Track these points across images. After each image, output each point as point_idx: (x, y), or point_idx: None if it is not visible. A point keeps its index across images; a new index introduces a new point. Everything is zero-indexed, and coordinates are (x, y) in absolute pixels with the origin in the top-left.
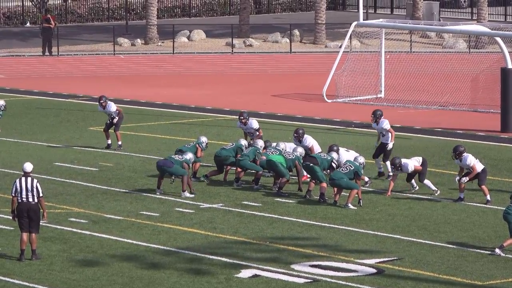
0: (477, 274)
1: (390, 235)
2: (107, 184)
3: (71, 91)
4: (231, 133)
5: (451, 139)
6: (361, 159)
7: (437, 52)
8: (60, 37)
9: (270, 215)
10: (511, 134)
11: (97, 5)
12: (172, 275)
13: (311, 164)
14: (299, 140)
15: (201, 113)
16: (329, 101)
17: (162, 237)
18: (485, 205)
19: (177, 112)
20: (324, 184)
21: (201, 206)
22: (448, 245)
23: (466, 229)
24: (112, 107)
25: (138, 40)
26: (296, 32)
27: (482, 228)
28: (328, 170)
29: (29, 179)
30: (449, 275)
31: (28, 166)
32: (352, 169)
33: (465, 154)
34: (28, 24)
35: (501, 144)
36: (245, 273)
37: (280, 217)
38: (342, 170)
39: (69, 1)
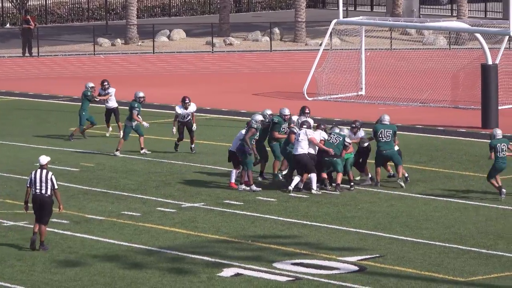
0: (459, 271)
1: (372, 233)
2: (88, 184)
3: (51, 92)
4: (212, 132)
5: (432, 135)
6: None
7: (418, 49)
8: (40, 37)
9: (252, 214)
10: (491, 130)
11: (77, 5)
12: (154, 275)
13: (334, 159)
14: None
15: None
16: (310, 99)
17: (143, 236)
18: (468, 202)
19: (158, 111)
20: (341, 175)
21: (183, 206)
22: (430, 242)
23: (447, 226)
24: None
25: (118, 40)
26: (276, 30)
27: (464, 224)
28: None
29: (44, 171)
30: (431, 271)
31: (43, 159)
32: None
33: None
34: (7, 25)
35: (482, 140)
36: (227, 272)
37: (261, 215)
38: (384, 139)
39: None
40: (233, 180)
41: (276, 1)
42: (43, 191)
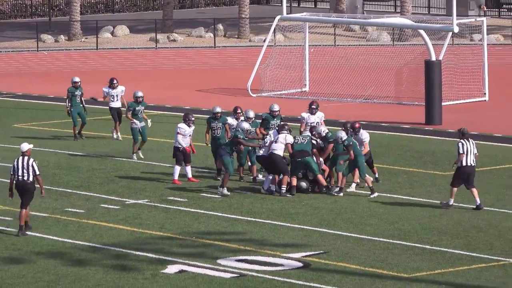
0: (403, 267)
1: (316, 229)
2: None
3: None
4: (156, 128)
5: (375, 132)
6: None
7: (361, 45)
8: None
9: (196, 210)
10: (436, 126)
11: (19, 1)
12: (98, 272)
13: (306, 158)
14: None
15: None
16: (254, 95)
17: (87, 233)
18: (411, 198)
19: (101, 108)
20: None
21: (127, 202)
22: (374, 238)
23: (391, 222)
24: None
25: (62, 36)
26: (220, 26)
27: (408, 220)
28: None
29: (25, 158)
30: (376, 267)
31: (25, 146)
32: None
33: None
34: None
35: (426, 136)
36: (171, 269)
37: (205, 212)
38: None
39: None
40: (176, 177)
41: None
42: (25, 178)
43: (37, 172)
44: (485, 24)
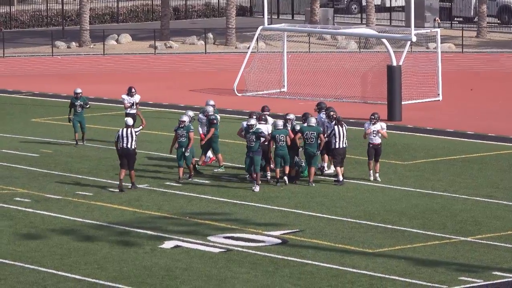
0: (368, 243)
1: (293, 210)
2: (48, 168)
3: (15, 87)
4: (154, 122)
5: None
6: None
7: (332, 52)
8: (5, 41)
9: (189, 194)
10: (396, 122)
11: (37, 13)
12: (105, 247)
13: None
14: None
15: None
16: (239, 95)
17: (95, 213)
18: (375, 184)
19: (107, 105)
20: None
21: (129, 186)
22: (343, 218)
23: (358, 204)
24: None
25: (73, 43)
26: (210, 35)
27: (372, 203)
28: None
29: (129, 130)
30: (344, 244)
31: (130, 121)
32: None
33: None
34: None
35: (388, 130)
36: (167, 244)
37: (198, 195)
38: (308, 140)
39: (13, 9)
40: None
41: (209, 10)
42: (128, 145)
43: (135, 138)
44: (439, 34)
